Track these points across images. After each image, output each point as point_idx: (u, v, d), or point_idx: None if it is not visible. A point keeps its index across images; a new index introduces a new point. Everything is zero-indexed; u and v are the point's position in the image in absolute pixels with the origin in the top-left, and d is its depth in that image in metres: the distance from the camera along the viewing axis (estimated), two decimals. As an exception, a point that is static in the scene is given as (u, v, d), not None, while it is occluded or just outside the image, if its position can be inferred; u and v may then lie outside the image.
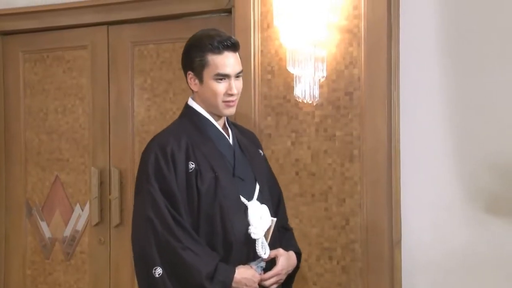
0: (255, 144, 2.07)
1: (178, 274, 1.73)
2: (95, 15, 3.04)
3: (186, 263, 1.72)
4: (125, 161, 3.05)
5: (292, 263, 1.92)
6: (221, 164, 1.84)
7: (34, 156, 3.28)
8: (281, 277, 1.88)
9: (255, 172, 1.93)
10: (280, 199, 2.08)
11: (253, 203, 1.85)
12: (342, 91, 2.42)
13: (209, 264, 1.73)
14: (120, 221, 3.05)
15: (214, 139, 1.88)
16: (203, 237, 1.78)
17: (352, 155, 2.40)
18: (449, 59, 2.50)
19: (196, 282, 1.71)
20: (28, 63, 3.30)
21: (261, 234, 1.84)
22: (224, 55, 1.80)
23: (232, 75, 1.83)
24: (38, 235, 3.26)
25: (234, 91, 1.83)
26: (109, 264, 3.09)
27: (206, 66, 1.81)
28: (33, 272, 3.27)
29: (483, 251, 2.43)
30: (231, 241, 1.80)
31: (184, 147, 1.79)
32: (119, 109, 3.06)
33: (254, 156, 1.98)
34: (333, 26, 2.39)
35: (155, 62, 2.99)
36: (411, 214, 2.51)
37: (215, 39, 1.81)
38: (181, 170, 1.77)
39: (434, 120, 2.51)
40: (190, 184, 1.77)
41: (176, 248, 1.72)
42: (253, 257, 1.84)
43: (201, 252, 1.74)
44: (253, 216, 1.82)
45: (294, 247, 1.98)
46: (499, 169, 2.39)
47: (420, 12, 2.53)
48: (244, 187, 1.86)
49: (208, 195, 1.78)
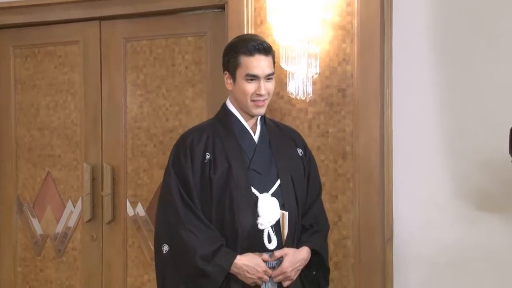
0: (295, 143, 2.11)
1: (178, 252, 1.87)
2: (87, 10, 3.02)
3: (184, 242, 1.84)
4: (117, 158, 3.05)
5: (300, 258, 1.93)
6: (237, 156, 1.93)
7: (25, 152, 3.26)
8: (289, 274, 1.91)
9: (279, 168, 1.98)
10: (316, 200, 2.10)
11: (264, 196, 1.92)
12: (335, 88, 2.44)
13: (206, 247, 1.83)
14: (113, 217, 3.05)
15: (237, 134, 1.98)
16: (214, 224, 1.89)
17: (345, 152, 2.42)
18: (441, 56, 2.51)
19: (190, 261, 1.82)
20: (19, 58, 3.27)
21: (268, 225, 1.89)
22: (255, 57, 1.91)
23: (262, 76, 1.92)
24: (29, 232, 3.25)
25: (262, 92, 1.93)
26: (101, 261, 3.08)
27: (238, 67, 1.93)
28: (24, 269, 3.26)
29: (474, 248, 2.46)
30: (238, 229, 1.87)
31: (204, 139, 1.94)
32: (112, 105, 3.05)
33: (284, 154, 2.03)
34: (326, 23, 2.40)
35: (148, 58, 2.99)
36: (403, 211, 2.53)
37: (248, 42, 1.93)
38: (198, 160, 1.91)
39: (426, 118, 2.53)
40: (204, 173, 1.90)
41: (178, 228, 1.86)
42: (261, 248, 1.90)
43: (202, 235, 1.85)
44: (262, 207, 1.89)
45: (311, 243, 1.99)
46: (490, 167, 2.41)
47: (413, 9, 2.55)
48: (260, 180, 1.93)
49: (220, 184, 1.89)
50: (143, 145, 3.01)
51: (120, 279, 3.04)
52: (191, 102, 2.90)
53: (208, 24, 2.87)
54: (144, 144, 3.01)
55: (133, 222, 3.03)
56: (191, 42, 2.91)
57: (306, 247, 1.98)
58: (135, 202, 3.02)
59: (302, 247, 1.97)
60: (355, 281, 2.41)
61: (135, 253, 3.02)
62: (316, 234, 2.04)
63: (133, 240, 3.03)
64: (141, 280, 3.01)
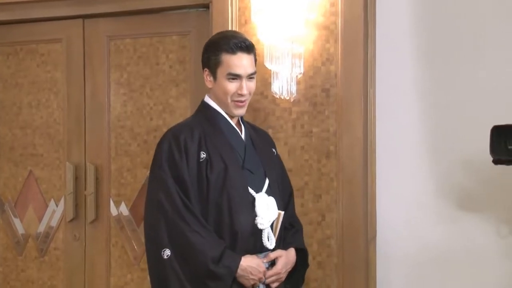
0: (268, 143, 2.12)
1: (185, 256, 1.79)
2: (70, 8, 2.99)
3: (193, 245, 1.77)
4: (101, 157, 3.02)
5: (291, 260, 1.95)
6: (231, 156, 1.90)
7: (6, 151, 3.23)
8: (281, 276, 1.92)
9: (265, 167, 1.97)
10: (290, 197, 2.11)
11: (261, 195, 1.90)
12: (319, 88, 2.45)
13: (215, 249, 1.79)
14: (96, 217, 3.02)
15: (226, 132, 1.94)
16: (211, 225, 1.84)
17: (329, 152, 2.43)
18: (424, 57, 2.54)
19: (201, 263, 1.77)
20: (1, 56, 3.23)
21: (268, 225, 1.88)
22: (237, 55, 1.87)
23: (244, 76, 1.89)
24: (11, 231, 3.22)
25: (244, 92, 1.90)
26: (84, 261, 3.06)
27: (220, 65, 1.88)
28: (4, 269, 3.23)
29: (456, 247, 2.50)
30: (237, 230, 1.85)
31: (197, 138, 1.87)
32: (95, 104, 3.03)
33: (265, 153, 2.03)
34: (310, 23, 2.41)
35: (132, 56, 2.96)
36: (386, 211, 2.56)
37: (230, 39, 1.88)
38: (193, 159, 1.84)
39: (409, 118, 2.56)
40: (201, 173, 1.84)
41: (184, 230, 1.78)
42: (259, 248, 1.89)
43: (208, 236, 1.80)
44: (260, 207, 1.88)
45: (296, 243, 2.02)
46: (472, 167, 2.44)
47: (396, 10, 2.57)
48: (253, 180, 1.92)
49: (217, 185, 1.84)
50: (126, 144, 2.99)
51: (103, 279, 3.02)
52: (175, 101, 2.89)
53: (193, 23, 2.85)
54: (127, 143, 2.98)
55: (116, 222, 3.01)
56: (175, 41, 2.90)
57: (293, 248, 1.99)
58: (118, 201, 3.00)
59: (290, 248, 1.98)
60: (338, 280, 2.42)
61: (119, 252, 3.01)
62: (297, 233, 2.06)
63: (117, 239, 3.01)
64: (125, 280, 2.99)
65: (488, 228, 2.47)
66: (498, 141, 2.06)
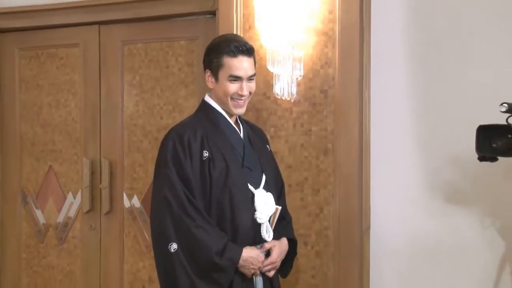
0: (263, 140, 2.06)
1: (190, 249, 1.73)
2: (87, 15, 2.95)
3: (198, 239, 1.71)
4: (114, 153, 2.97)
5: (284, 249, 1.91)
6: (231, 155, 1.83)
7: (28, 148, 3.18)
8: (277, 264, 1.88)
9: (262, 164, 1.92)
10: (282, 191, 2.06)
11: (259, 191, 1.84)
12: (318, 89, 2.38)
13: (218, 242, 1.73)
14: (110, 208, 2.98)
15: (226, 132, 1.87)
16: (214, 220, 1.78)
17: (326, 149, 2.36)
18: (416, 61, 2.46)
19: (206, 257, 1.71)
20: (24, 60, 3.19)
21: (266, 219, 1.83)
22: (238, 58, 1.79)
23: (245, 77, 1.82)
24: (33, 221, 3.17)
25: (244, 92, 1.83)
26: (99, 249, 3.01)
27: (221, 67, 1.81)
28: (28, 255, 3.18)
29: (443, 238, 2.42)
30: (238, 224, 1.79)
31: (199, 137, 1.79)
32: (109, 104, 2.98)
33: (261, 150, 1.97)
34: (310, 29, 2.34)
35: (144, 60, 2.91)
36: (379, 204, 2.48)
37: (232, 43, 1.81)
38: (196, 157, 1.77)
39: (401, 118, 2.48)
40: (204, 171, 1.77)
41: (189, 226, 1.71)
42: (258, 240, 1.84)
43: (212, 231, 1.74)
44: (259, 202, 1.82)
45: (287, 233, 1.97)
46: (459, 164, 2.36)
47: (390, 17, 2.49)
48: (252, 177, 1.85)
49: (219, 182, 1.78)
50: (138, 141, 2.93)
51: (117, 266, 2.96)
52: (183, 102, 2.83)
53: (200, 29, 2.79)
54: (139, 140, 2.93)
55: (129, 213, 2.95)
56: (184, 46, 2.83)
57: (285, 238, 1.93)
58: (131, 194, 2.94)
59: (283, 238, 1.92)
60: (334, 268, 2.34)
61: (131, 242, 2.95)
62: (288, 225, 2.00)
63: (129, 229, 2.95)
64: (137, 267, 2.93)
65: (473, 220, 2.39)
66: (483, 140, 1.99)
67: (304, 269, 2.37)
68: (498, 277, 2.30)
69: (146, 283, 2.89)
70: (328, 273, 2.35)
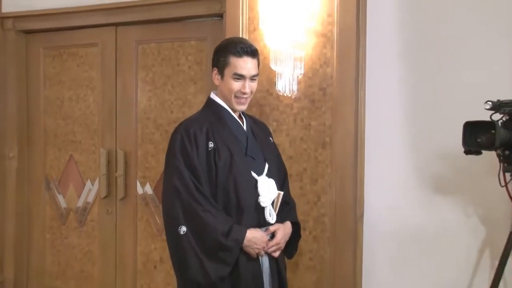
0: (266, 133, 2.02)
1: (198, 231, 1.70)
2: (104, 17, 2.89)
3: (205, 222, 1.69)
4: (129, 144, 2.93)
5: (288, 231, 1.88)
6: (235, 145, 1.80)
7: (52, 138, 3.15)
8: (281, 245, 1.84)
9: (265, 154, 1.88)
10: (285, 179, 2.02)
11: (262, 178, 1.81)
12: (317, 87, 2.32)
13: (224, 225, 1.70)
14: (125, 195, 2.94)
15: (230, 125, 1.84)
16: (220, 204, 1.76)
17: (324, 142, 2.30)
18: (408, 61, 2.40)
19: (213, 238, 1.69)
20: (48, 58, 3.15)
21: (269, 203, 1.80)
22: (243, 59, 1.77)
23: (247, 76, 1.80)
24: (55, 205, 3.15)
25: (246, 90, 1.80)
26: (115, 231, 2.98)
27: (227, 66, 1.79)
28: (51, 236, 3.17)
29: (431, 224, 2.37)
30: (243, 208, 1.76)
31: (205, 130, 1.77)
32: (125, 98, 2.93)
33: (264, 141, 1.93)
34: (310, 31, 2.28)
35: (156, 59, 2.86)
36: (372, 193, 2.43)
37: (238, 45, 1.79)
38: (202, 148, 1.74)
39: (394, 114, 2.43)
40: (209, 160, 1.74)
41: (197, 210, 1.69)
42: (263, 223, 1.81)
43: (218, 214, 1.72)
44: (262, 188, 1.79)
45: (291, 217, 1.94)
46: (447, 158, 2.31)
47: (384, 20, 2.43)
48: (255, 165, 1.82)
49: (224, 170, 1.75)
50: (151, 133, 2.88)
51: (131, 247, 2.93)
52: (193, 97, 2.78)
53: (208, 30, 2.73)
54: (152, 132, 2.88)
55: (142, 199, 2.91)
56: (194, 46, 2.77)
57: (289, 221, 1.90)
58: (144, 182, 2.90)
59: (287, 222, 1.89)
60: (330, 252, 2.30)
61: (144, 225, 2.91)
62: (291, 210, 1.97)
63: (142, 214, 2.91)
64: (149, 249, 2.89)
65: (458, 209, 2.33)
66: (469, 135, 1.94)
67: (303, 252, 2.32)
68: (478, 260, 2.28)
69: (157, 263, 2.85)
70: (325, 256, 2.31)
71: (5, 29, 3.09)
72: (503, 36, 2.23)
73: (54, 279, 3.13)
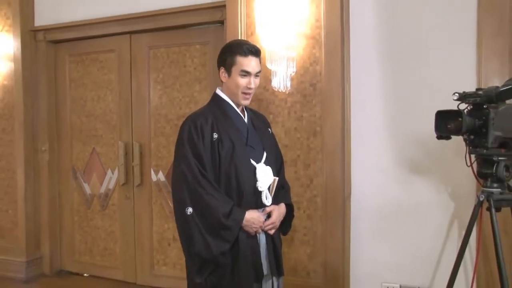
0: (265, 124, 1.86)
1: (203, 212, 1.60)
2: (120, 26, 2.73)
3: (208, 204, 1.58)
4: (143, 137, 2.76)
5: (282, 212, 1.73)
6: (237, 136, 1.65)
7: (77, 134, 2.98)
8: (276, 224, 1.70)
9: (263, 143, 1.73)
10: (281, 166, 1.86)
11: (260, 165, 1.66)
12: (308, 83, 2.15)
13: (225, 207, 1.59)
14: (141, 182, 2.78)
15: (233, 118, 1.68)
16: (223, 189, 1.62)
17: (315, 132, 2.14)
18: (387, 59, 2.24)
19: (215, 218, 1.58)
20: (72, 64, 2.99)
21: (265, 187, 1.66)
22: (248, 58, 1.65)
23: (253, 73, 1.66)
24: (81, 192, 2.98)
25: (252, 86, 1.66)
26: (133, 214, 2.81)
27: (234, 64, 1.66)
28: (79, 219, 3.01)
29: (408, 201, 2.22)
30: (243, 191, 1.62)
31: (210, 122, 1.65)
32: (139, 97, 2.76)
33: (263, 132, 1.78)
34: (301, 34, 2.13)
35: (166, 61, 2.69)
36: (358, 175, 2.27)
37: (243, 45, 1.67)
38: (207, 138, 1.63)
39: (376, 106, 2.26)
40: (214, 149, 1.62)
41: (201, 193, 1.58)
42: (260, 205, 1.66)
43: (220, 197, 1.60)
44: (260, 174, 1.65)
45: (285, 200, 1.78)
46: (421, 143, 2.16)
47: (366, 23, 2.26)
48: (254, 153, 1.67)
49: (227, 158, 1.62)
50: (162, 127, 2.71)
51: (148, 227, 2.76)
52: (198, 95, 2.61)
53: (211, 35, 2.56)
54: (163, 126, 2.71)
55: (155, 185, 2.74)
56: (198, 49, 2.60)
57: (283, 203, 1.75)
58: (157, 170, 2.73)
59: (281, 204, 1.74)
60: (322, 228, 2.15)
61: (158, 208, 2.74)
62: (286, 193, 1.82)
63: (156, 198, 2.75)
64: (163, 228, 2.73)
65: (431, 187, 2.19)
66: (440, 122, 1.79)
67: (298, 229, 2.17)
68: (448, 231, 2.15)
69: (171, 241, 2.70)
70: (317, 232, 2.15)
71: (37, 40, 2.96)
72: (471, 39, 2.07)
73: (83, 255, 2.98)
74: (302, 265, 2.16)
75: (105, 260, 2.89)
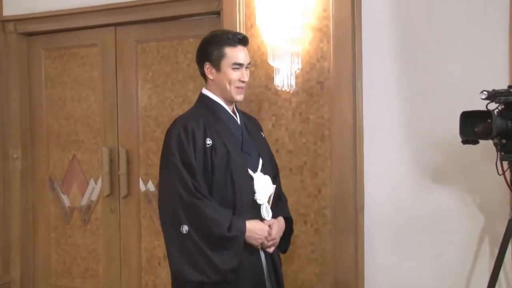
0: (257, 127, 1.96)
1: (202, 227, 1.64)
2: (104, 17, 2.86)
3: (209, 217, 1.63)
4: (131, 142, 2.90)
5: (282, 226, 1.82)
6: (231, 141, 1.73)
7: (54, 138, 3.13)
8: (276, 240, 1.79)
9: (258, 149, 1.83)
10: (277, 173, 1.96)
11: (257, 175, 1.76)
12: (315, 81, 2.29)
13: (227, 218, 1.66)
14: (128, 192, 2.91)
15: (225, 120, 1.77)
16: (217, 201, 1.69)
17: (323, 135, 2.28)
18: (403, 53, 2.35)
19: (219, 232, 1.63)
20: (49, 59, 3.13)
21: (265, 200, 1.75)
22: (238, 48, 1.72)
23: (245, 64, 1.75)
24: (60, 205, 3.12)
25: (245, 78, 1.75)
26: (119, 229, 2.95)
27: (223, 57, 1.71)
28: (56, 235, 3.14)
29: (429, 213, 2.32)
30: (239, 206, 1.70)
31: (202, 126, 1.70)
32: (125, 97, 2.91)
33: (257, 136, 1.88)
34: (306, 26, 2.26)
35: (156, 57, 2.83)
36: (372, 185, 2.39)
37: (230, 33, 1.74)
38: (199, 144, 1.68)
39: (391, 106, 2.38)
40: (206, 157, 1.68)
41: (199, 206, 1.63)
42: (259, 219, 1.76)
43: (218, 209, 1.66)
44: (258, 185, 1.74)
45: (285, 213, 1.88)
46: (443, 147, 2.27)
47: (379, 14, 2.38)
48: (250, 161, 1.76)
49: (221, 167, 1.69)
50: (152, 131, 2.85)
51: (136, 244, 2.90)
52: (192, 94, 2.73)
53: (206, 27, 2.60)
54: (153, 130, 2.85)
55: (144, 196, 2.88)
56: (192, 43, 2.73)
57: (282, 217, 1.85)
58: (146, 179, 2.88)
59: (280, 217, 1.83)
60: (332, 244, 2.27)
61: (147, 222, 2.88)
62: (284, 205, 1.92)
63: (145, 211, 2.88)
64: (153, 245, 2.87)
65: (455, 198, 2.29)
66: (466, 124, 1.90)
67: (304, 245, 2.30)
68: (478, 248, 2.24)
69: (161, 260, 2.83)
70: (326, 248, 2.28)
71: (7, 32, 3.08)
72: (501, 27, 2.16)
73: (60, 278, 3.10)
74: (310, 286, 2.29)
75: (86, 283, 3.02)
